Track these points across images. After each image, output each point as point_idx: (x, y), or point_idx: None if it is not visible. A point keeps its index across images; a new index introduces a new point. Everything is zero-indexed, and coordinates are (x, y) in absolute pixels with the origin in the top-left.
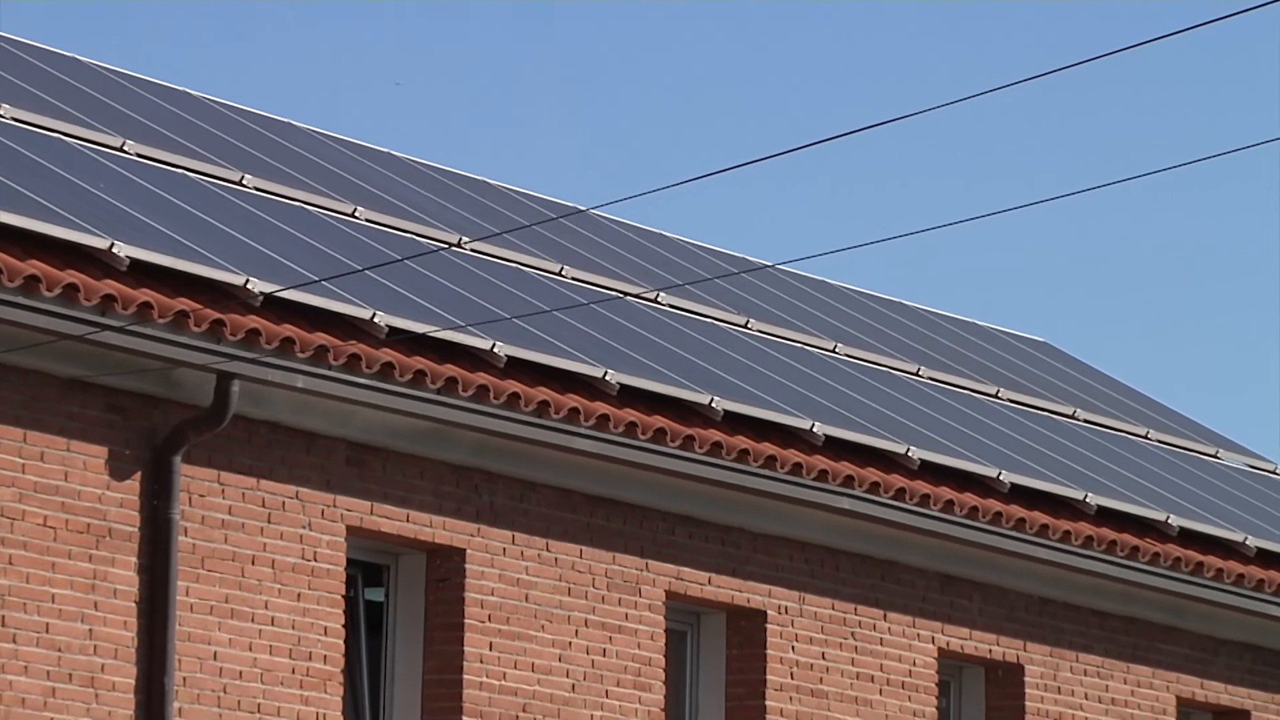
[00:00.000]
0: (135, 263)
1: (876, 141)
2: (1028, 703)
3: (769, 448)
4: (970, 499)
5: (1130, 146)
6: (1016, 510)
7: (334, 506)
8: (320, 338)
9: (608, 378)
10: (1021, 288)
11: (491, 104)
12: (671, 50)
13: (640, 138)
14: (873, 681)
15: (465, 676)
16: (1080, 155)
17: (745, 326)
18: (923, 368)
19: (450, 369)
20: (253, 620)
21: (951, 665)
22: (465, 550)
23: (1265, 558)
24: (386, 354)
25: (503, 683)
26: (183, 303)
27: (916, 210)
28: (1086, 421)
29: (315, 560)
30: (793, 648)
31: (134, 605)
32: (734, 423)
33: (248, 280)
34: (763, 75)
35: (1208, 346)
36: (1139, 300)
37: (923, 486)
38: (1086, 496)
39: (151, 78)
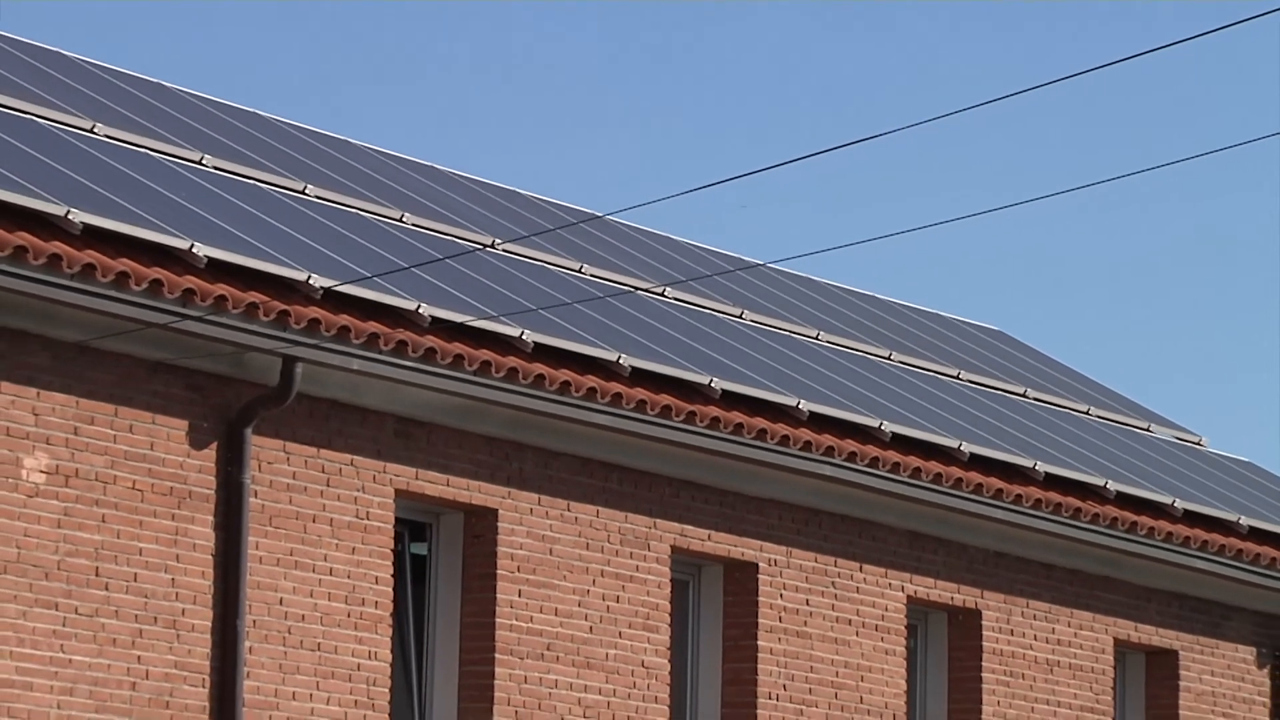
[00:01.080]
0: (212, 261)
1: (855, 153)
2: (985, 643)
3: (760, 422)
4: (935, 466)
5: (1075, 157)
6: (975, 476)
7: (384, 472)
8: (372, 326)
9: (621, 361)
10: (979, 283)
11: (522, 121)
12: (677, 72)
13: (648, 153)
14: (850, 625)
15: (497, 620)
16: (1030, 166)
17: (740, 317)
18: (894, 353)
19: (484, 353)
20: (314, 571)
21: (919, 610)
22: (498, 510)
23: (1191, 518)
24: (429, 340)
25: (530, 625)
26: (253, 295)
27: (889, 215)
28: (1035, 399)
29: (368, 519)
30: (781, 595)
31: (211, 558)
32: (730, 400)
33: (309, 276)
34: (750, 94)
35: (1142, 333)
36: (1081, 293)
37: (893, 455)
38: (1035, 464)
39: (224, 99)
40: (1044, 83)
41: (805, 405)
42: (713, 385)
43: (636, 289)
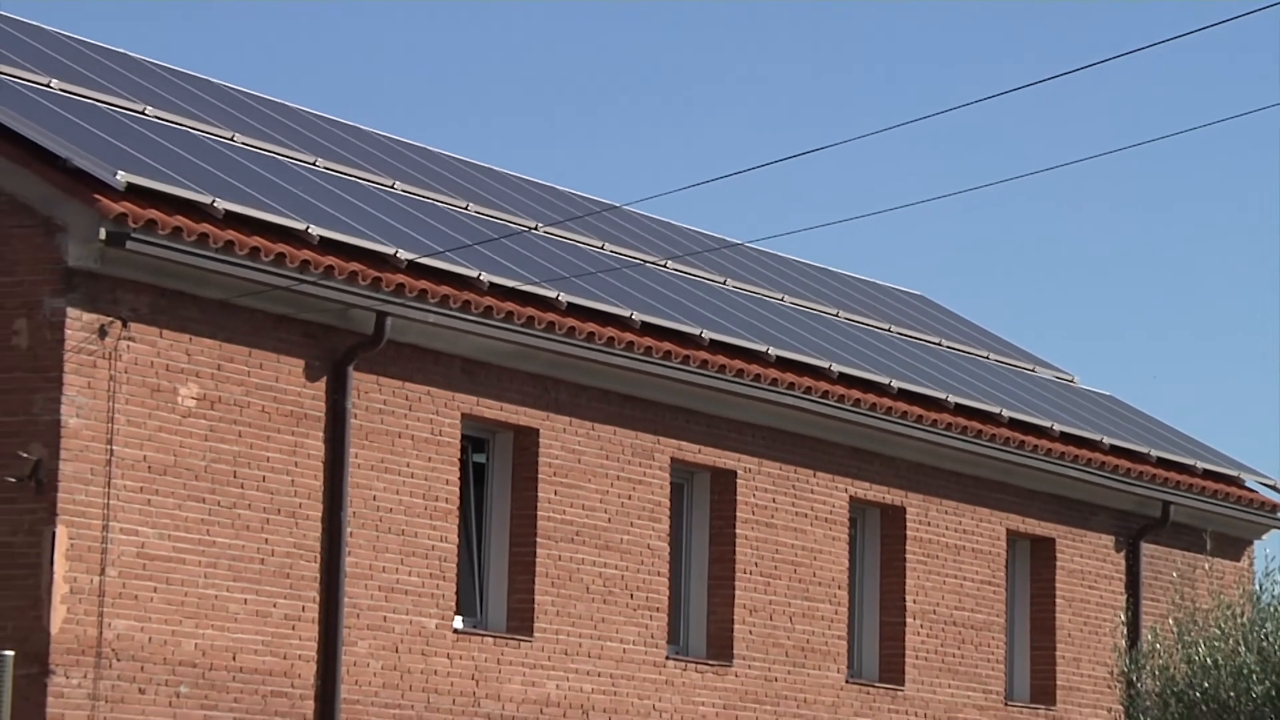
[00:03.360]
0: (323, 239)
1: (815, 153)
2: (908, 532)
3: (738, 363)
4: (871, 398)
5: (984, 158)
6: (901, 405)
7: (453, 400)
8: (444, 289)
9: (633, 317)
10: (907, 257)
11: (558, 130)
12: (679, 86)
13: (654, 157)
14: (806, 518)
15: (538, 513)
16: (943, 166)
17: (724, 284)
18: (840, 311)
19: (530, 310)
20: (399, 474)
21: (858, 507)
22: (539, 430)
23: (1065, 437)
24: (488, 300)
25: (563, 516)
26: (354, 265)
27: (839, 205)
28: (948, 347)
29: (440, 435)
30: (754, 495)
31: (321, 464)
32: (715, 347)
33: (397, 251)
34: (741, 96)
35: (1028, 294)
36: (982, 267)
37: (839, 389)
38: (948, 396)
39: (333, 115)
40: (985, 97)
41: (773, 351)
42: (702, 335)
43: (645, 262)
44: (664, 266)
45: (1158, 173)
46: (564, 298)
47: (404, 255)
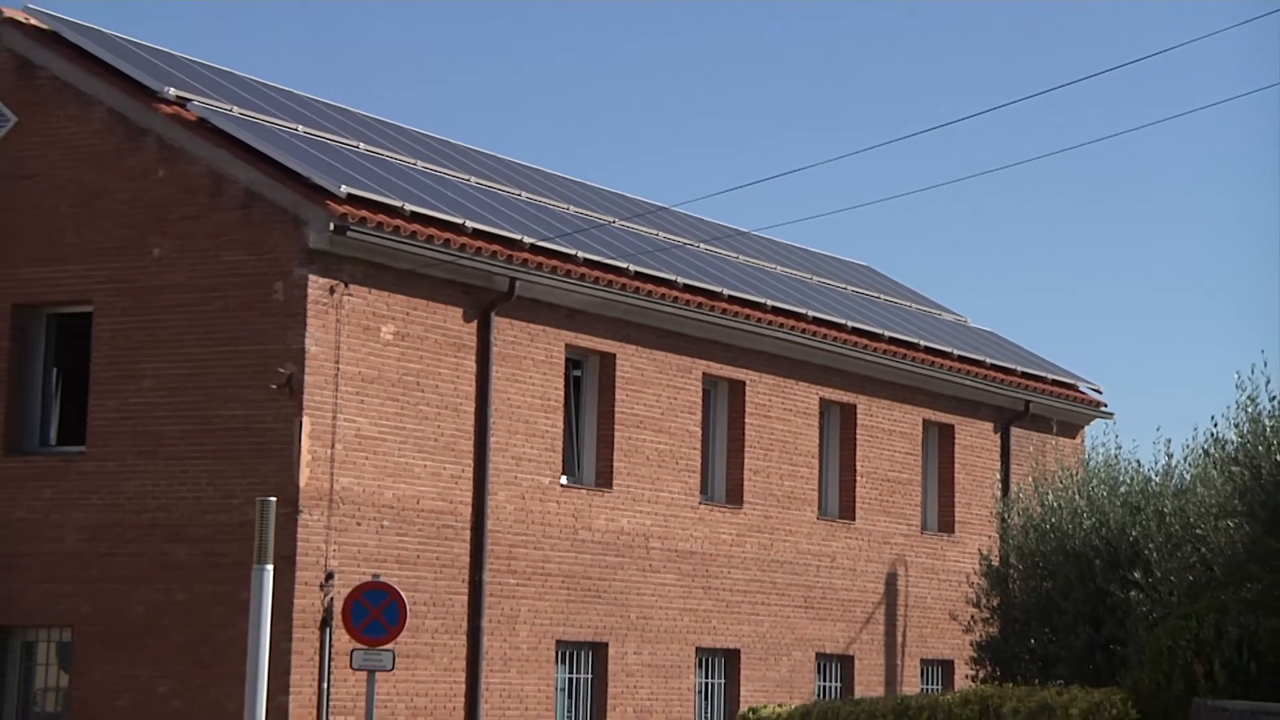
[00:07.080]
0: (475, 229)
1: (794, 173)
2: (858, 421)
3: (747, 311)
4: (834, 333)
5: (921, 159)
6: (854, 338)
7: (560, 335)
8: (554, 262)
9: (678, 280)
10: (859, 240)
11: (623, 151)
12: (720, 107)
13: (692, 169)
14: (791, 412)
15: (616, 409)
16: (873, 169)
17: (738, 259)
18: (814, 276)
19: (610, 276)
20: (525, 384)
21: (825, 404)
22: (616, 355)
23: (961, 359)
24: (583, 270)
25: (631, 411)
26: (495, 246)
27: (812, 204)
28: (885, 299)
29: (551, 358)
30: (757, 397)
31: (474, 377)
32: (732, 300)
33: (523, 237)
34: (749, 108)
35: (940, 259)
36: (908, 244)
37: (814, 328)
38: (884, 331)
39: (480, 147)
40: (975, 112)
41: (769, 302)
42: (723, 292)
43: (685, 244)
44: (698, 247)
45: (1022, 180)
46: (632, 267)
47: (528, 240)
